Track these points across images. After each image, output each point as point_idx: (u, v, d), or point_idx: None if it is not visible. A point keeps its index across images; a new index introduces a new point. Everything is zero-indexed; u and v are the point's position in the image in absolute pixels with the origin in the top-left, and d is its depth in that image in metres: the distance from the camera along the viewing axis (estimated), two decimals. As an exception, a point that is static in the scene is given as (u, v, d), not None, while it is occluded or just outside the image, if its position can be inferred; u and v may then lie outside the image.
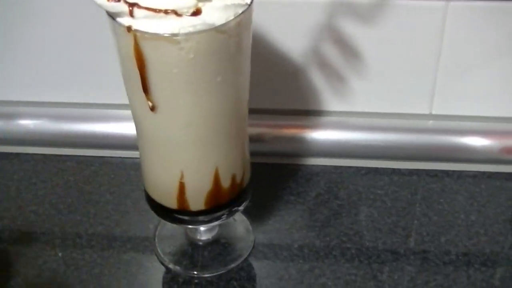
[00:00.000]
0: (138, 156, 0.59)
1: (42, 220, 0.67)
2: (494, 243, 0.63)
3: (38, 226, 0.66)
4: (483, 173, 0.71)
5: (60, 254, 0.63)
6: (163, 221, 0.63)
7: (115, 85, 0.67)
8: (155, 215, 0.60)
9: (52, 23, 0.70)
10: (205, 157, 0.53)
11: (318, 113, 0.73)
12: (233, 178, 0.56)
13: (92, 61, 0.72)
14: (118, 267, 0.62)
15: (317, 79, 0.71)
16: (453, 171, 0.71)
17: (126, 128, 0.72)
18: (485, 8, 0.65)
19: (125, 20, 0.46)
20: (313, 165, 0.72)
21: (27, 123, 0.75)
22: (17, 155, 0.75)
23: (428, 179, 0.70)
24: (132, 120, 0.56)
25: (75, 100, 0.75)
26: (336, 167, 0.72)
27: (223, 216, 0.58)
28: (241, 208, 0.59)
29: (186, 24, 0.45)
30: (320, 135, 0.72)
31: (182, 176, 0.54)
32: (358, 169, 0.71)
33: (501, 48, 0.68)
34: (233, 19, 0.46)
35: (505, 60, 0.68)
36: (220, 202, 0.57)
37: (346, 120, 0.73)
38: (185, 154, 0.53)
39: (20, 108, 0.76)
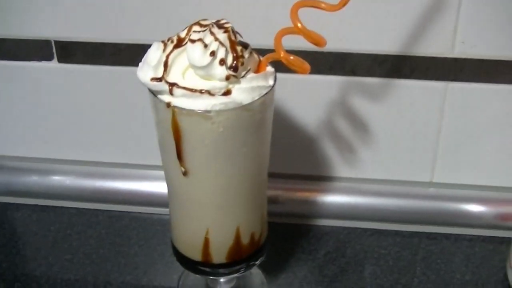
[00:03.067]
0: (164, 213, 0.64)
1: (76, 268, 0.72)
2: (486, 301, 0.68)
3: (72, 273, 0.71)
4: (478, 237, 0.75)
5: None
6: (186, 272, 0.69)
7: (145, 148, 0.74)
8: (179, 267, 0.65)
9: (94, 89, 0.77)
10: (229, 217, 0.59)
11: (329, 178, 0.79)
12: (252, 236, 0.61)
13: (127, 125, 0.79)
14: None
15: (329, 148, 0.77)
16: (451, 234, 0.75)
17: (155, 187, 0.78)
18: (481, 89, 0.71)
19: (165, 97, 0.52)
20: (323, 226, 0.77)
21: (63, 179, 0.81)
22: (54, 208, 0.80)
23: (428, 241, 0.75)
24: (160, 180, 0.62)
25: (109, 160, 0.81)
26: (344, 228, 0.77)
27: (241, 269, 0.63)
28: (257, 262, 0.64)
29: (218, 103, 0.51)
30: (330, 198, 0.77)
31: (207, 233, 0.59)
32: (364, 230, 0.76)
33: (495, 124, 0.73)
34: (258, 99, 0.52)
35: (500, 134, 0.74)
36: (239, 257, 0.62)
37: (354, 185, 0.78)
38: (211, 214, 0.58)
39: (59, 165, 0.82)
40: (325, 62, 0.71)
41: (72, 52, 0.74)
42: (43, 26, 0.73)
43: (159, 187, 0.75)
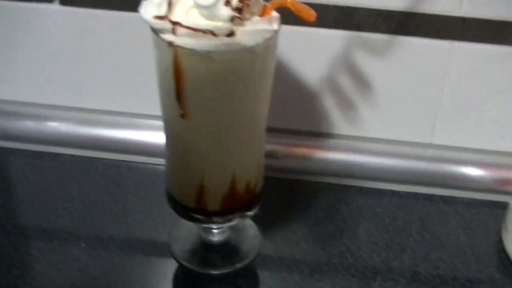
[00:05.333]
0: (160, 163, 0.64)
1: (71, 216, 0.71)
2: (479, 262, 0.67)
3: (68, 221, 0.71)
4: (476, 200, 0.75)
5: (83, 245, 0.68)
6: (179, 222, 0.69)
7: (145, 97, 0.73)
8: (173, 217, 0.65)
9: (90, 34, 0.76)
10: (225, 163, 0.58)
11: (328, 135, 0.78)
12: (248, 184, 0.61)
13: (127, 72, 0.78)
14: (136, 261, 0.66)
15: (329, 104, 0.76)
16: (448, 196, 0.75)
17: (152, 137, 0.78)
18: (486, 50, 0.70)
19: (168, 36, 0.52)
20: (320, 183, 0.76)
21: (59, 125, 0.81)
22: (49, 154, 0.80)
23: (424, 202, 0.75)
24: (158, 130, 0.61)
25: (107, 108, 0.81)
26: (341, 186, 0.76)
27: (235, 218, 0.63)
28: (251, 212, 0.63)
29: (221, 43, 0.50)
30: (328, 155, 0.77)
31: (203, 178, 0.59)
32: (361, 188, 0.76)
33: (500, 87, 0.73)
34: (261, 42, 0.52)
35: (503, 98, 0.74)
36: (234, 205, 0.61)
37: (352, 143, 0.78)
38: (207, 159, 0.58)
39: (55, 111, 0.81)
40: (330, 16, 0.70)
41: (74, -6, 0.73)
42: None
43: (157, 137, 0.75)
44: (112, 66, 0.78)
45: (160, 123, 0.60)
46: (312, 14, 0.52)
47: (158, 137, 0.67)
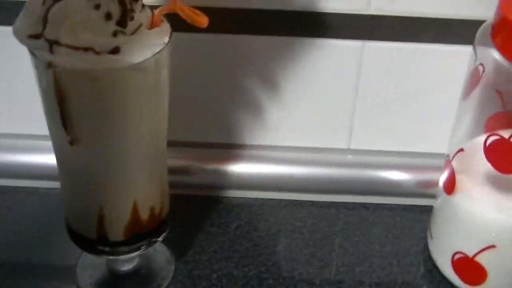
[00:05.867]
0: (55, 187, 0.59)
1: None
2: (406, 273, 0.65)
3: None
4: (398, 205, 0.72)
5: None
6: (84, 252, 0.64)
7: (31, 116, 0.67)
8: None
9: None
10: (124, 190, 0.54)
11: (240, 146, 0.74)
12: (152, 210, 0.57)
13: (11, 91, 0.72)
14: None
15: (239, 113, 0.72)
16: (370, 203, 0.72)
17: (48, 159, 0.72)
18: (399, 49, 0.67)
19: (46, 56, 0.46)
20: (234, 197, 0.73)
21: None
22: None
23: (346, 212, 0.71)
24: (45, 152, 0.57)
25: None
26: (257, 199, 0.72)
27: (142, 247, 0.58)
28: (160, 239, 0.59)
29: (105, 61, 0.46)
30: (241, 168, 0.73)
31: (101, 208, 0.54)
32: (279, 201, 0.72)
33: (415, 86, 0.70)
34: (150, 57, 0.47)
35: (420, 97, 0.71)
36: (139, 233, 0.57)
37: (267, 153, 0.74)
38: (103, 188, 0.53)
39: None
40: (226, 18, 0.65)
41: None
42: None
43: (47, 159, 0.69)
44: None
45: (48, 143, 0.55)
46: (203, 21, 0.49)
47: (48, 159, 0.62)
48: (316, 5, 0.65)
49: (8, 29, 0.60)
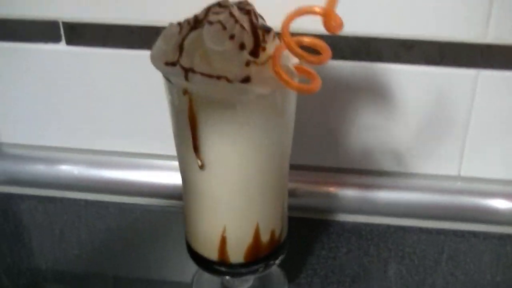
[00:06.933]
0: (178, 206, 0.61)
1: (84, 263, 0.69)
2: (519, 304, 0.64)
3: (80, 269, 0.68)
4: (509, 235, 0.71)
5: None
6: (200, 270, 0.65)
7: (158, 137, 0.70)
8: (192, 264, 0.61)
9: (99, 74, 0.73)
10: (248, 213, 0.55)
11: (351, 171, 0.75)
12: (272, 233, 0.58)
13: (139, 112, 0.75)
14: None
15: (353, 139, 0.73)
16: (480, 232, 0.72)
17: (168, 178, 0.75)
18: (514, 78, 0.67)
19: (181, 83, 0.48)
20: (345, 221, 0.73)
21: (72, 169, 0.78)
22: (61, 199, 0.77)
23: (455, 239, 0.71)
24: (174, 171, 0.59)
25: (119, 149, 0.78)
26: (366, 224, 0.73)
27: (259, 269, 0.59)
28: (277, 262, 0.60)
29: (236, 89, 0.47)
30: (353, 192, 0.74)
31: (224, 230, 0.55)
32: (388, 226, 0.73)
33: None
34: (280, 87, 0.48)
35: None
36: (258, 256, 0.58)
37: (376, 179, 0.74)
38: (229, 210, 0.55)
39: (66, 154, 0.78)
40: (349, 47, 0.67)
41: (81, 33, 0.71)
42: (50, 5, 0.69)
43: (174, 179, 0.72)
44: (124, 105, 0.75)
45: (176, 163, 0.57)
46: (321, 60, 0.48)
47: (175, 179, 0.64)
48: (432, 33, 0.66)
49: (141, 53, 0.64)
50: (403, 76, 0.69)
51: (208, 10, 0.50)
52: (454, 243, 0.71)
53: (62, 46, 0.72)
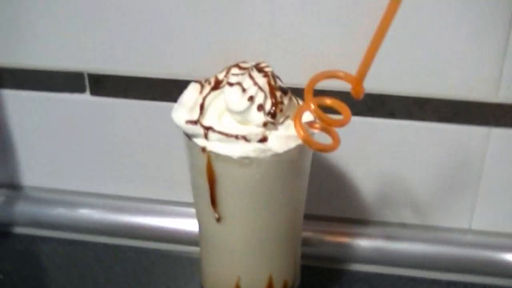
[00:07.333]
0: (193, 251, 0.63)
1: (101, 306, 0.71)
2: None
3: (98, 311, 0.70)
4: (520, 289, 0.72)
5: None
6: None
7: (176, 185, 0.72)
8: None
9: (120, 123, 0.76)
10: (262, 264, 0.57)
11: (363, 222, 0.76)
12: (285, 283, 0.59)
13: (158, 160, 0.77)
14: None
15: (365, 191, 0.75)
16: (490, 284, 0.73)
17: (185, 225, 0.76)
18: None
19: (200, 141, 0.51)
20: (356, 271, 0.74)
21: (92, 213, 0.79)
22: (81, 242, 0.79)
23: (466, 292, 0.72)
24: (190, 217, 0.61)
25: (139, 195, 0.80)
26: (378, 275, 0.74)
27: (272, 318, 0.61)
28: (290, 312, 0.62)
29: (254, 149, 0.50)
30: (365, 243, 0.75)
31: (239, 280, 0.57)
32: (399, 277, 0.74)
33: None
34: (294, 147, 0.51)
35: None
36: (271, 305, 0.60)
37: (390, 230, 0.76)
38: (243, 261, 0.57)
39: (87, 198, 0.81)
40: (364, 104, 0.69)
41: (105, 85, 0.73)
42: (76, 58, 0.72)
43: (189, 225, 0.74)
44: (144, 154, 0.77)
45: (192, 210, 0.59)
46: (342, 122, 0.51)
47: (191, 225, 0.66)
48: (444, 91, 0.68)
49: (161, 104, 0.66)
50: (415, 132, 0.70)
51: (228, 71, 0.52)
52: (465, 296, 0.72)
53: (86, 96, 0.74)
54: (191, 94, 0.52)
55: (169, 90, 0.61)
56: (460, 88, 0.67)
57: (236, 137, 0.50)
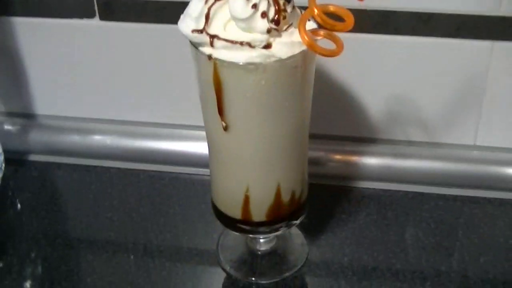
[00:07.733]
0: (204, 173, 0.65)
1: (116, 226, 0.72)
2: (530, 265, 0.66)
3: (112, 231, 0.72)
4: (523, 201, 0.74)
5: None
6: (226, 231, 0.69)
7: (187, 108, 0.73)
8: (218, 226, 0.66)
9: (130, 48, 0.77)
10: (270, 174, 0.58)
11: (370, 140, 0.78)
12: (293, 194, 0.61)
13: (169, 84, 0.79)
14: (184, 271, 0.67)
15: (371, 109, 0.76)
16: (495, 198, 0.74)
17: (195, 147, 0.78)
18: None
19: (206, 49, 0.52)
20: (364, 188, 0.76)
21: (104, 139, 0.82)
22: (95, 167, 0.81)
23: (471, 205, 0.74)
24: (201, 140, 0.63)
25: (150, 120, 0.82)
26: (385, 191, 0.75)
27: (281, 228, 0.63)
28: (297, 221, 0.64)
29: (258, 55, 0.51)
30: (372, 161, 0.77)
31: (247, 190, 0.59)
32: (406, 193, 0.75)
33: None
34: (298, 53, 0.52)
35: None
36: (279, 215, 0.61)
37: (397, 148, 0.77)
38: (252, 170, 0.58)
39: (99, 124, 0.83)
40: (369, 21, 0.70)
41: (114, 9, 0.74)
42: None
43: (200, 148, 0.75)
44: (154, 79, 0.79)
45: (203, 133, 0.61)
46: (346, 26, 0.52)
47: (201, 148, 0.67)
48: (448, 6, 0.68)
49: (171, 27, 0.67)
50: (420, 49, 0.71)
51: (232, -20, 0.53)
52: (469, 209, 0.73)
53: (96, 21, 0.75)
54: (197, 5, 0.53)
55: (178, 12, 0.61)
56: (463, 2, 0.68)
57: (241, 43, 0.51)
